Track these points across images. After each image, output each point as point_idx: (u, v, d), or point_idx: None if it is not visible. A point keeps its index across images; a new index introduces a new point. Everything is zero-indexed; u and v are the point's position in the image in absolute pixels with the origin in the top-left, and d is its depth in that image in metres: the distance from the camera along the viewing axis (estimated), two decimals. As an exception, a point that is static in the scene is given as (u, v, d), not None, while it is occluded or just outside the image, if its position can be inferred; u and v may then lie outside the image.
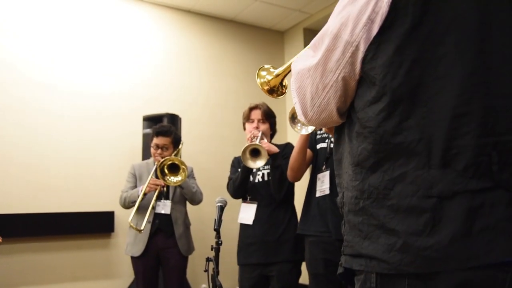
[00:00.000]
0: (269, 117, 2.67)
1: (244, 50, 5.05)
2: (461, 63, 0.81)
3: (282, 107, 5.30)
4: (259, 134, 2.52)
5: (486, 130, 0.80)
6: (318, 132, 2.40)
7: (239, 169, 2.67)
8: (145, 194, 2.96)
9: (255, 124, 2.62)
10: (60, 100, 3.92)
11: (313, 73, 0.92)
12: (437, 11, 0.82)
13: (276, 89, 1.42)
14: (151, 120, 3.84)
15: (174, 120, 3.83)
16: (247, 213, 2.52)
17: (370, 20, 0.84)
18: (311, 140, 2.37)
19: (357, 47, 0.86)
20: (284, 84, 1.42)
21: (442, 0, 0.82)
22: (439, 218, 0.78)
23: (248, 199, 2.58)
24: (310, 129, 2.10)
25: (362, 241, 0.88)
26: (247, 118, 2.68)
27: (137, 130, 4.01)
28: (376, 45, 0.84)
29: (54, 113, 3.88)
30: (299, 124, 2.11)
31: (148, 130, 3.79)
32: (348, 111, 0.95)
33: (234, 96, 4.81)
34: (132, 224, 2.88)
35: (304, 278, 2.45)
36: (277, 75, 1.40)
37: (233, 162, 2.82)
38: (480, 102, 0.80)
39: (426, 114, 0.81)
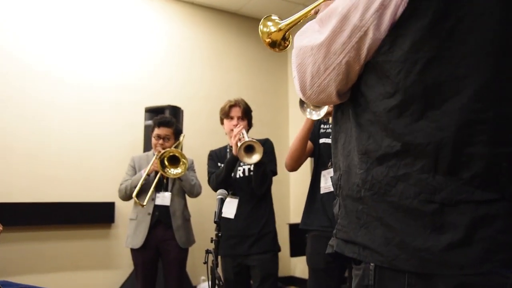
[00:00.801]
0: (247, 113, 2.73)
1: (247, 43, 5.03)
2: (481, 67, 0.76)
3: (284, 101, 5.29)
4: (244, 131, 2.56)
5: (499, 139, 0.77)
6: (322, 126, 2.39)
7: (219, 163, 2.72)
8: (148, 175, 2.97)
9: (235, 122, 2.66)
10: (62, 91, 3.92)
11: (316, 52, 0.88)
12: (462, 7, 0.76)
13: (278, 43, 1.34)
14: (153, 112, 3.84)
15: (176, 112, 3.83)
16: (229, 208, 2.57)
17: (383, 6, 0.79)
18: (313, 132, 2.36)
19: (365, 32, 0.81)
20: (287, 37, 1.34)
21: None
22: (439, 223, 0.76)
23: (230, 193, 2.62)
24: (323, 112, 2.02)
25: (358, 228, 0.86)
26: (226, 114, 2.71)
27: (139, 122, 4.01)
28: (392, 37, 0.80)
29: (56, 104, 3.88)
30: (308, 109, 2.05)
31: (150, 122, 3.79)
32: (353, 94, 0.92)
33: (236, 89, 4.80)
34: (136, 199, 2.89)
35: (304, 273, 2.45)
36: (280, 30, 1.32)
37: (210, 155, 2.86)
38: (497, 109, 0.76)
39: (439, 117, 0.77)
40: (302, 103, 2.06)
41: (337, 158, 0.99)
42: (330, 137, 2.29)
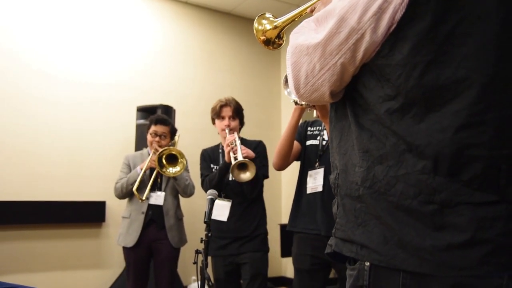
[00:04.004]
0: (238, 113, 2.73)
1: (241, 43, 5.03)
2: (481, 69, 0.77)
3: (277, 102, 5.30)
4: (236, 137, 2.56)
5: (499, 142, 0.77)
6: (309, 129, 2.41)
7: (212, 164, 2.73)
8: (144, 172, 2.97)
9: (226, 122, 2.67)
10: (55, 89, 3.90)
11: (312, 51, 0.88)
12: (461, 9, 0.77)
13: (272, 41, 1.34)
14: (145, 111, 3.83)
15: (168, 111, 3.82)
16: (221, 210, 2.58)
17: (381, 10, 0.79)
18: (299, 133, 2.37)
19: (362, 35, 0.82)
20: (281, 36, 1.35)
21: None
22: (438, 224, 0.77)
23: (222, 196, 2.64)
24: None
25: (356, 227, 0.86)
26: (217, 114, 2.71)
27: (131, 121, 3.99)
28: (392, 41, 0.80)
29: (48, 101, 3.86)
30: (288, 89, 1.97)
31: (142, 121, 3.78)
32: (350, 94, 0.92)
33: (229, 89, 4.80)
34: (136, 192, 2.88)
35: (290, 273, 2.47)
36: (275, 27, 1.33)
37: (203, 155, 2.84)
38: (497, 112, 0.77)
39: (439, 119, 0.78)
40: (285, 82, 1.99)
41: (333, 157, 1.00)
42: (317, 138, 2.32)
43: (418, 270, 0.78)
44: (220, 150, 2.78)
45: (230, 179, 2.67)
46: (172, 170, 2.94)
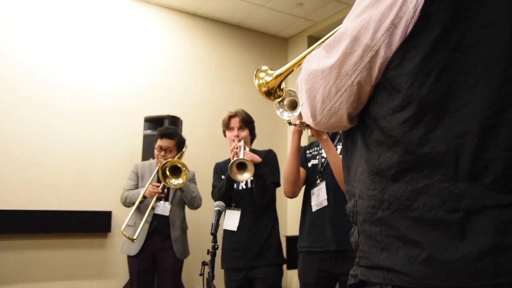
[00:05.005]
0: (247, 123, 2.74)
1: (248, 55, 5.06)
2: (491, 74, 0.78)
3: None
4: (242, 144, 2.57)
5: None
6: (308, 152, 2.42)
7: (222, 176, 2.72)
8: (144, 197, 2.97)
9: (235, 132, 2.68)
10: (62, 98, 3.93)
11: (327, 75, 0.88)
12: (469, 19, 0.78)
13: (274, 92, 1.38)
14: (152, 122, 3.85)
15: (175, 122, 3.84)
16: (231, 219, 2.57)
17: (393, 25, 0.80)
18: (301, 159, 2.36)
19: (377, 52, 0.82)
20: (282, 87, 1.38)
21: (474, 7, 0.78)
22: (467, 232, 0.75)
23: (233, 206, 2.63)
24: (294, 114, 1.80)
25: (379, 252, 0.84)
26: (226, 126, 2.74)
27: (138, 131, 4.01)
28: (403, 51, 0.81)
29: (55, 110, 3.89)
30: (281, 109, 1.82)
31: (149, 131, 3.80)
32: (361, 117, 0.92)
33: (236, 100, 4.82)
34: (124, 233, 2.89)
35: (296, 285, 2.44)
36: (277, 77, 1.36)
37: (215, 168, 2.86)
38: (510, 114, 0.77)
39: (454, 125, 0.78)
40: (280, 101, 1.82)
41: (350, 185, 0.98)
42: (317, 158, 2.32)
43: (453, 284, 0.75)
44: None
45: (240, 188, 2.66)
46: (175, 182, 2.95)
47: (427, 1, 0.78)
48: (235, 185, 2.67)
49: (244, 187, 2.67)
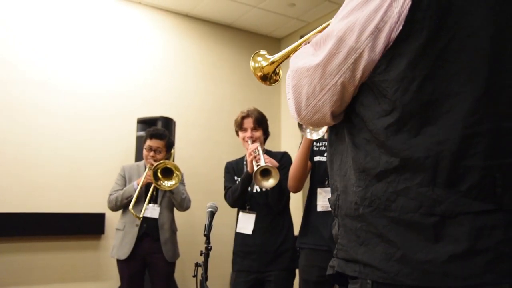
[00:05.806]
0: (261, 123, 2.67)
1: (241, 55, 5.06)
2: (474, 82, 0.80)
3: (277, 114, 5.32)
4: (258, 147, 2.49)
5: (493, 152, 0.80)
6: (315, 144, 2.39)
7: (235, 176, 2.66)
8: (141, 187, 2.96)
9: (248, 133, 2.62)
10: (56, 99, 3.91)
11: (312, 73, 0.90)
12: (453, 27, 0.80)
13: (269, 77, 1.39)
14: (146, 123, 3.84)
15: (168, 123, 3.83)
16: (246, 223, 2.51)
17: (378, 29, 0.82)
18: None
19: (361, 54, 0.84)
20: (277, 72, 1.38)
21: (459, 15, 0.80)
22: (440, 235, 0.78)
23: (247, 208, 2.57)
24: (321, 132, 1.99)
25: (358, 246, 0.87)
26: (239, 126, 2.67)
27: (131, 132, 4.00)
28: (389, 57, 0.83)
29: (48, 112, 3.86)
30: (308, 130, 2.01)
31: (142, 133, 3.78)
32: (348, 115, 0.94)
33: (229, 101, 4.82)
34: (132, 211, 2.87)
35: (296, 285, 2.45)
36: (272, 63, 1.37)
37: (227, 168, 2.78)
38: (490, 123, 0.80)
39: (436, 132, 0.80)
40: (300, 125, 2.01)
41: (333, 179, 1.01)
42: (325, 155, 2.32)
43: (423, 284, 0.78)
44: (244, 162, 2.70)
45: (255, 190, 2.60)
46: (167, 184, 2.94)
47: (413, 8, 0.80)
48: (249, 188, 2.60)
49: (258, 189, 2.60)
